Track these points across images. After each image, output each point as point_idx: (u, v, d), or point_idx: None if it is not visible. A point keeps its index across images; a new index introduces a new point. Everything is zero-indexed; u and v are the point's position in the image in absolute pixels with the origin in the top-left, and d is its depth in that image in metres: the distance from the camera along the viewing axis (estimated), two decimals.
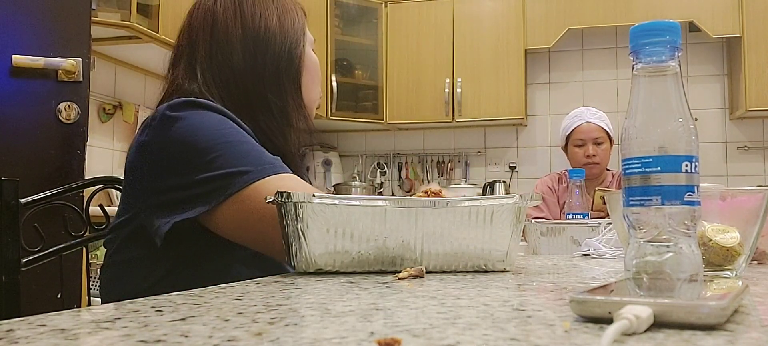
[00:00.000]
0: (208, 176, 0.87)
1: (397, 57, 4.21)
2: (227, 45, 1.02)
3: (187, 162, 0.89)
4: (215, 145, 0.89)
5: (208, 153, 0.88)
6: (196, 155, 0.88)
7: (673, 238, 0.53)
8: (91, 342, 0.38)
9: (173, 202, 0.89)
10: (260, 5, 1.04)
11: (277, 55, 1.03)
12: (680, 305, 0.41)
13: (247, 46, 1.02)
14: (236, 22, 1.03)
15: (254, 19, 1.03)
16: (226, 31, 1.02)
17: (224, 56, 1.02)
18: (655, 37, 0.56)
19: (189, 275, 0.94)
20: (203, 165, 0.88)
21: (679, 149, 0.54)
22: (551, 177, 2.69)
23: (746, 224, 0.79)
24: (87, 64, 1.87)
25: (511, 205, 0.83)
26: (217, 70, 1.02)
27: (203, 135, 0.89)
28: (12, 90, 1.80)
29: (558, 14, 4.00)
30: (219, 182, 0.87)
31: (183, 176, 0.89)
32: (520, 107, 4.02)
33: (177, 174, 0.89)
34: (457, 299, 0.56)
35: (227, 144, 0.89)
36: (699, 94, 4.09)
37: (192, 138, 0.89)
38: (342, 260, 0.80)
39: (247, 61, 1.02)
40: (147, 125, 0.95)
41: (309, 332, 0.41)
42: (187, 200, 0.88)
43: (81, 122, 1.86)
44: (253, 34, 1.02)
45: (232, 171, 0.87)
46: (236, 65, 1.01)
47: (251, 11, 1.03)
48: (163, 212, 0.89)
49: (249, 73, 1.02)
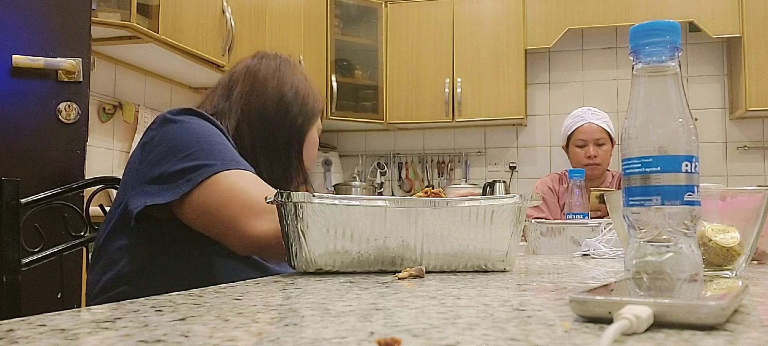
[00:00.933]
0: (181, 167, 0.97)
1: (397, 57, 4.20)
2: (262, 93, 1.19)
3: (170, 156, 0.99)
4: (195, 143, 0.99)
5: (187, 149, 0.98)
6: (178, 150, 0.99)
7: (673, 238, 0.53)
8: (91, 342, 0.38)
9: (151, 190, 0.98)
10: (298, 78, 1.23)
11: (294, 119, 1.20)
12: (680, 305, 0.41)
13: (276, 98, 1.19)
14: (275, 79, 1.21)
15: (287, 84, 1.21)
16: (265, 82, 1.20)
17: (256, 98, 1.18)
18: (655, 37, 0.56)
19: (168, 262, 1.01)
20: (180, 159, 0.98)
21: (679, 149, 0.54)
22: (551, 177, 2.68)
23: (746, 224, 0.79)
24: (87, 64, 1.87)
25: (511, 205, 0.83)
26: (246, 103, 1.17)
27: (188, 135, 1.01)
28: (12, 90, 1.80)
29: (558, 14, 4.00)
30: (189, 173, 0.96)
31: (163, 167, 0.98)
32: (520, 107, 4.02)
33: (159, 166, 0.99)
34: (457, 299, 0.56)
35: (205, 143, 1.00)
36: (699, 94, 4.09)
37: (178, 136, 1.00)
38: (342, 260, 0.80)
39: (272, 108, 1.18)
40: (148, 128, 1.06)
41: (309, 332, 0.41)
42: (163, 189, 0.97)
43: (81, 122, 1.86)
44: (281, 93, 1.20)
45: (201, 163, 0.97)
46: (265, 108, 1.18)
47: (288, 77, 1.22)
48: (140, 198, 0.98)
49: (271, 117, 1.18)
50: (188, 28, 2.70)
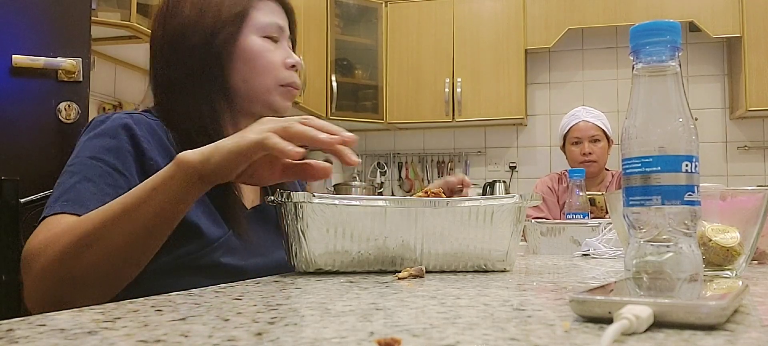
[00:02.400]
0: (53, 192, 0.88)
1: (397, 57, 4.20)
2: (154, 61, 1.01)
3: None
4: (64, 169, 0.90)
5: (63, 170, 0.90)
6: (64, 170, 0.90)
7: (673, 238, 0.53)
8: (91, 342, 0.38)
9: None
10: (179, 7, 1.00)
11: (199, 52, 0.97)
12: (680, 305, 0.41)
13: (169, 53, 0.99)
14: (162, 36, 1.00)
15: (174, 26, 0.99)
16: (158, 47, 1.01)
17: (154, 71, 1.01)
18: (656, 37, 0.56)
19: None
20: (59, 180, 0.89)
21: (679, 149, 0.54)
22: (551, 177, 2.69)
23: (746, 224, 0.79)
24: (87, 64, 1.87)
25: (511, 205, 0.83)
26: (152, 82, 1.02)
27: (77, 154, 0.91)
28: (12, 90, 1.80)
29: (558, 14, 4.00)
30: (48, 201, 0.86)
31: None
32: (520, 107, 4.02)
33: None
34: (457, 298, 0.56)
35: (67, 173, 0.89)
36: (699, 94, 4.09)
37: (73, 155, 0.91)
38: (342, 259, 0.80)
39: (162, 67, 0.99)
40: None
41: (309, 332, 0.41)
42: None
43: (81, 122, 1.86)
44: (171, 40, 0.99)
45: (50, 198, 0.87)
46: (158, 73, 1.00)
47: (172, 19, 0.99)
48: None
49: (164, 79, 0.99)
50: None
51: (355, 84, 4.22)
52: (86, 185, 0.86)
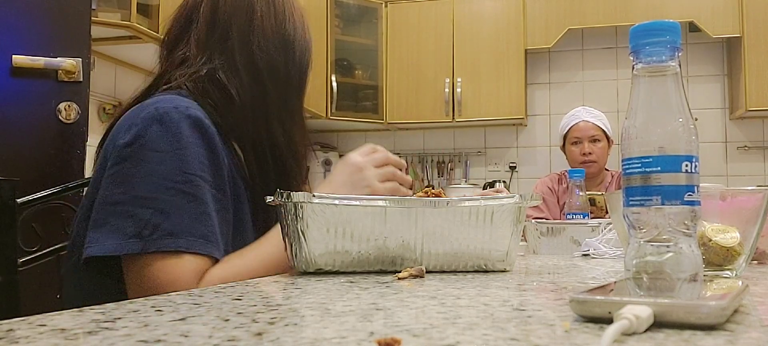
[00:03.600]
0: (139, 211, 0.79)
1: (397, 57, 4.20)
2: (263, 36, 0.98)
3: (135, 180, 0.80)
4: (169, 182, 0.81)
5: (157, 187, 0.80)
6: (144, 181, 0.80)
7: (673, 238, 0.53)
8: (91, 342, 0.38)
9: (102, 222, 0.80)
10: (289, 7, 1.02)
11: (300, 64, 1.03)
12: (680, 305, 0.41)
13: (279, 43, 0.99)
14: (270, 16, 0.99)
15: (285, 20, 1.01)
16: (262, 22, 0.98)
17: (261, 45, 0.97)
18: (655, 37, 0.56)
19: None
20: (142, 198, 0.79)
21: (679, 149, 0.54)
22: (551, 177, 2.69)
23: (746, 224, 0.79)
24: (87, 64, 1.87)
25: (511, 205, 0.83)
26: (250, 55, 0.97)
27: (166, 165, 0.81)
28: (12, 90, 1.80)
29: (558, 14, 4.00)
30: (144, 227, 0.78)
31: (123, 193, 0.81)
32: (520, 107, 4.02)
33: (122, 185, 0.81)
34: (457, 299, 0.56)
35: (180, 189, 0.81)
36: (699, 94, 4.09)
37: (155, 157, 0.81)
38: (342, 260, 0.80)
39: (280, 58, 0.99)
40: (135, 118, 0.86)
41: (309, 332, 0.41)
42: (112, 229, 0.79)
43: (81, 122, 1.86)
44: (283, 34, 1.00)
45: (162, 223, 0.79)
46: (273, 59, 0.98)
47: (282, 10, 1.01)
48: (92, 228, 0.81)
49: (281, 69, 0.99)
50: None
51: (355, 84, 4.22)
52: (207, 220, 0.82)
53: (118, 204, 0.80)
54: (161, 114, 0.84)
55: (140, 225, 0.78)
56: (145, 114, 0.85)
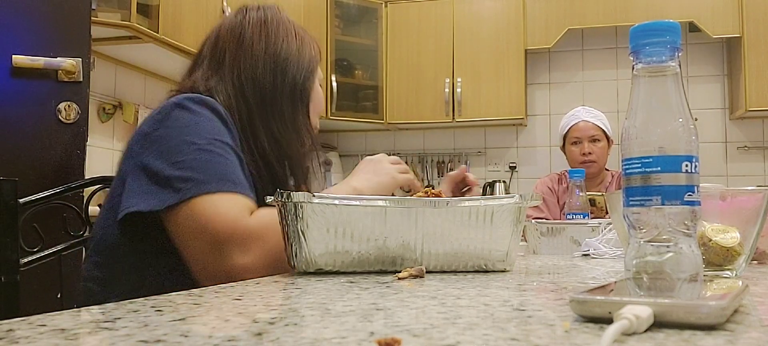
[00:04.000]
0: (174, 174, 0.89)
1: (397, 57, 4.20)
2: (251, 57, 1.10)
3: (169, 153, 0.91)
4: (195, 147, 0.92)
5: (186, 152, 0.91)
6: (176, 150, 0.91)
7: (673, 238, 0.53)
8: (91, 342, 0.38)
9: (140, 187, 0.91)
10: (283, 31, 1.14)
11: (293, 79, 1.13)
12: (680, 305, 0.41)
13: (268, 62, 1.11)
14: (261, 39, 1.12)
15: (277, 42, 1.13)
16: (251, 45, 1.11)
17: (247, 65, 1.10)
18: (655, 37, 0.56)
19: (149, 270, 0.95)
20: (176, 163, 0.90)
21: (679, 149, 0.54)
22: (551, 178, 2.69)
23: (746, 224, 0.79)
24: (87, 64, 1.87)
25: (511, 205, 0.83)
26: (238, 73, 1.09)
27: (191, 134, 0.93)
28: (12, 90, 1.80)
29: (558, 14, 4.00)
30: (178, 183, 0.89)
31: (160, 164, 0.91)
32: (520, 107, 4.02)
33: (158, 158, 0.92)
34: (457, 299, 0.56)
35: (206, 150, 0.92)
36: (699, 94, 4.09)
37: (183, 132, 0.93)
38: (342, 260, 0.80)
39: (268, 75, 1.10)
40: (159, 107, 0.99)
41: (309, 332, 0.41)
42: (148, 192, 0.89)
43: (81, 122, 1.86)
44: (274, 54, 1.12)
45: (193, 176, 0.89)
46: (258, 75, 1.10)
47: (275, 34, 1.13)
48: (127, 196, 0.91)
49: (268, 84, 1.10)
50: (188, 28, 2.70)
51: (355, 84, 4.22)
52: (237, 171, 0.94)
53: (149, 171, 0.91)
54: (180, 100, 0.97)
55: (174, 182, 0.89)
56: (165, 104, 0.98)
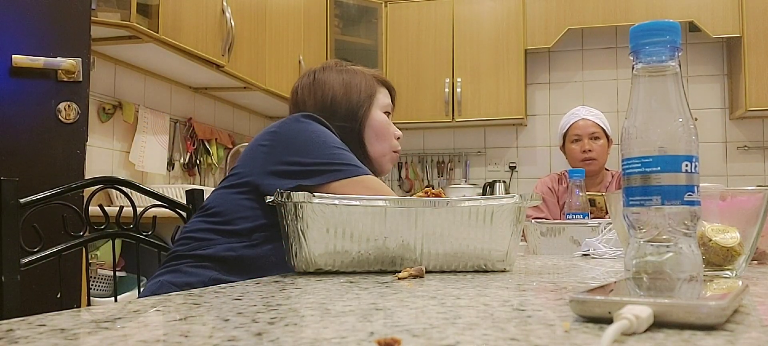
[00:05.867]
0: (327, 160, 1.14)
1: (397, 57, 4.20)
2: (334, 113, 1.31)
3: (312, 149, 1.15)
4: (333, 144, 1.18)
5: (329, 148, 1.16)
6: (320, 146, 1.16)
7: (673, 238, 0.53)
8: (91, 342, 0.38)
9: (294, 172, 1.12)
10: (328, 82, 1.34)
11: (342, 118, 1.31)
12: (680, 305, 0.41)
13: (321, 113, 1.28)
14: (309, 98, 1.34)
15: (323, 94, 1.33)
16: (305, 106, 1.34)
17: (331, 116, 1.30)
18: (655, 37, 0.56)
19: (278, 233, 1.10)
20: (325, 154, 1.15)
21: (679, 149, 0.54)
22: (551, 177, 2.69)
23: (746, 224, 0.79)
24: (87, 64, 1.87)
25: (511, 205, 0.83)
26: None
27: (325, 136, 1.18)
28: (12, 90, 1.80)
29: (558, 14, 4.00)
30: (337, 166, 1.14)
31: (307, 157, 1.14)
32: (520, 107, 4.02)
33: (302, 155, 1.14)
34: (457, 299, 0.56)
35: (339, 148, 1.18)
36: (699, 94, 4.09)
37: (318, 134, 1.18)
38: (342, 259, 0.80)
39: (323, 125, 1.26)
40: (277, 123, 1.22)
41: (309, 332, 0.41)
42: (309, 173, 1.12)
43: (81, 122, 1.86)
44: (321, 105, 1.32)
45: (345, 162, 1.15)
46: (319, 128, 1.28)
47: (321, 88, 1.34)
48: (283, 179, 1.12)
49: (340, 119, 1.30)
50: (188, 28, 2.70)
51: None
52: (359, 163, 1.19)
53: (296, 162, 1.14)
54: (297, 117, 1.22)
55: (334, 165, 1.14)
56: (287, 120, 1.22)
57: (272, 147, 1.17)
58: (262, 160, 1.17)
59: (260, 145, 1.19)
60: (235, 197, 1.17)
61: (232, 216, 1.15)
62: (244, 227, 1.13)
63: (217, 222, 1.16)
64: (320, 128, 1.20)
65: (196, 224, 1.18)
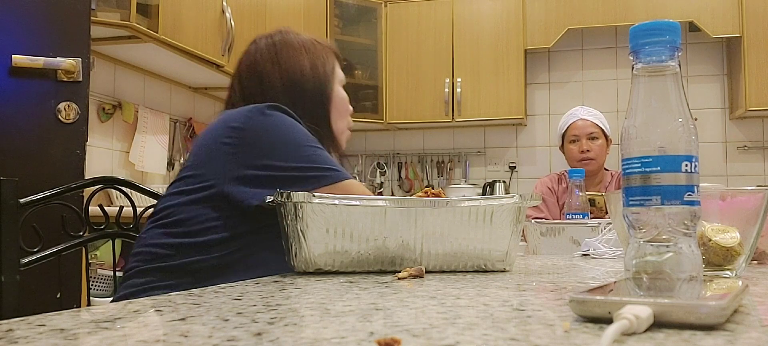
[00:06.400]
0: (304, 165, 1.05)
1: (397, 57, 4.20)
2: (271, 89, 1.21)
3: (284, 150, 1.06)
4: (307, 143, 1.08)
5: (303, 148, 1.07)
6: (293, 147, 1.06)
7: (673, 238, 0.53)
8: (91, 342, 0.38)
9: (266, 178, 1.03)
10: (294, 56, 1.24)
11: (311, 95, 1.23)
12: (680, 305, 0.41)
13: (287, 90, 1.21)
14: (274, 72, 1.23)
15: (290, 69, 1.23)
16: (270, 80, 1.22)
17: (270, 96, 1.19)
18: (655, 37, 0.56)
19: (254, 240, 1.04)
20: (298, 156, 1.05)
21: (679, 149, 0.54)
22: (551, 178, 2.69)
23: (746, 224, 0.79)
24: (87, 64, 1.87)
25: (510, 205, 0.83)
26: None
27: (296, 134, 1.08)
28: (12, 90, 1.80)
29: (558, 14, 4.00)
30: (314, 172, 1.05)
31: (279, 160, 1.05)
32: (519, 107, 4.02)
33: (274, 158, 1.05)
34: (457, 299, 0.56)
35: (314, 147, 1.08)
36: (699, 94, 4.09)
37: (288, 132, 1.08)
38: (342, 260, 0.80)
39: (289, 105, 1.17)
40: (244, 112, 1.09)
41: (309, 332, 0.41)
42: (283, 180, 1.02)
43: (81, 122, 1.86)
44: (290, 81, 1.22)
45: (324, 167, 1.06)
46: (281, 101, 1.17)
47: (287, 62, 1.23)
48: (253, 186, 1.02)
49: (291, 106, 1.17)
50: (188, 27, 2.70)
51: (354, 84, 4.21)
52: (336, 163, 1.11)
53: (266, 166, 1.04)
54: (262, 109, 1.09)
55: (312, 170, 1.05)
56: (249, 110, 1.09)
57: (238, 147, 1.05)
58: (227, 163, 1.05)
59: (223, 143, 1.06)
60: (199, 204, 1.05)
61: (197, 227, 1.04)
62: (210, 239, 1.02)
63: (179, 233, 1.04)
64: (290, 122, 1.09)
65: (155, 236, 1.06)
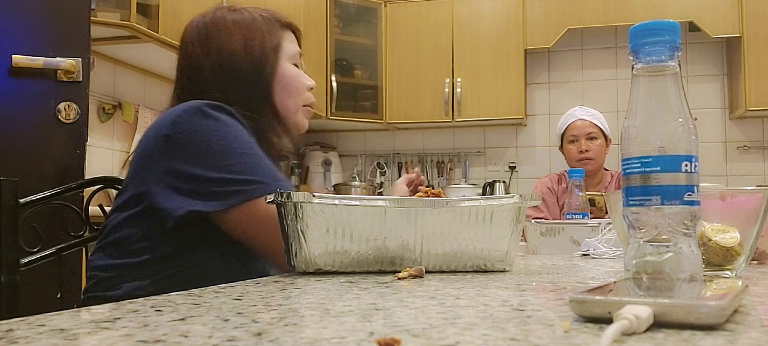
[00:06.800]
0: (227, 177, 0.95)
1: (396, 57, 4.20)
2: (200, 78, 1.11)
3: (210, 158, 0.96)
4: (236, 151, 0.97)
5: (230, 157, 0.96)
6: (220, 155, 0.96)
7: (672, 238, 0.53)
8: (91, 342, 0.38)
9: (189, 190, 0.95)
10: (225, 37, 1.11)
11: (246, 79, 1.11)
12: (680, 305, 0.41)
13: (216, 76, 1.10)
14: (203, 57, 1.11)
15: (221, 52, 1.10)
16: (200, 67, 1.11)
17: (201, 89, 1.09)
18: (655, 37, 0.56)
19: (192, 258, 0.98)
20: (223, 166, 0.95)
21: (679, 149, 0.54)
22: (551, 178, 2.69)
23: (746, 224, 0.79)
24: (87, 64, 1.87)
25: (510, 205, 0.83)
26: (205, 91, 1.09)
27: (230, 140, 0.98)
28: (12, 90, 1.80)
29: (558, 14, 4.00)
30: (236, 186, 0.95)
31: (204, 170, 0.95)
32: (519, 107, 4.02)
33: (199, 166, 0.96)
34: (457, 299, 0.56)
35: (249, 154, 0.98)
36: (699, 94, 4.09)
37: (218, 138, 0.97)
38: (341, 260, 0.80)
39: (220, 91, 1.08)
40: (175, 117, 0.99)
41: (309, 332, 0.41)
42: (205, 193, 0.95)
43: (81, 122, 1.86)
44: (219, 67, 1.10)
45: (249, 179, 0.95)
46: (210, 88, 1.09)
47: (217, 45, 1.11)
48: (177, 196, 0.95)
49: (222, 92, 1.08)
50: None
51: (354, 84, 4.22)
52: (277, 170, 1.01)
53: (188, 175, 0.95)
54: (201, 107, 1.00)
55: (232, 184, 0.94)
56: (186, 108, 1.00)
57: (167, 148, 0.97)
58: (155, 166, 0.97)
59: (152, 150, 0.99)
60: (131, 219, 0.98)
61: (132, 246, 0.96)
62: (143, 260, 0.96)
63: (116, 255, 0.98)
64: (223, 126, 0.99)
65: (98, 258, 1.01)
